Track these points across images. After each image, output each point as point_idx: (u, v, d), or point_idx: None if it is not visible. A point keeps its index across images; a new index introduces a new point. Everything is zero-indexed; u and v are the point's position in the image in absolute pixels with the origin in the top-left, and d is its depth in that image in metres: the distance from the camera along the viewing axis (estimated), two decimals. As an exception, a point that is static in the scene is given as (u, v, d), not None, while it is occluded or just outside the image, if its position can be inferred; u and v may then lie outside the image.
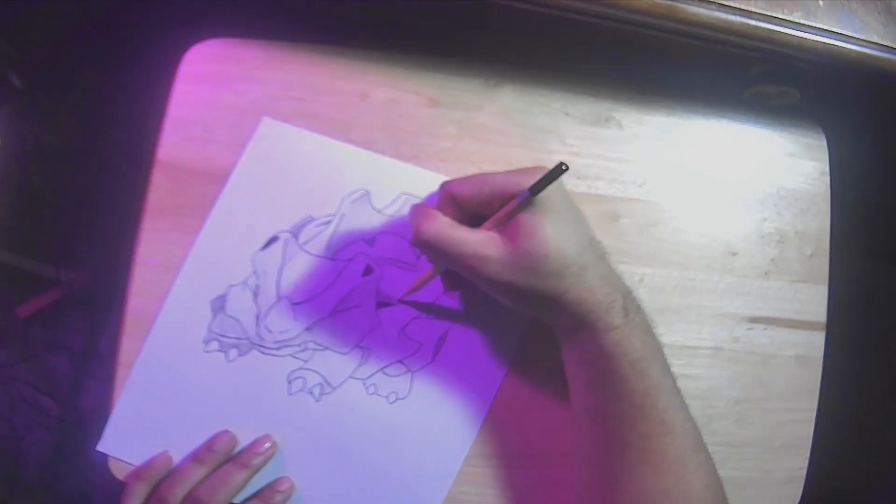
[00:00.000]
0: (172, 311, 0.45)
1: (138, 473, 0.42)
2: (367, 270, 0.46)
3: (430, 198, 0.46)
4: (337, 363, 0.46)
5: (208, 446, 0.43)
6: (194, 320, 0.45)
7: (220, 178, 0.46)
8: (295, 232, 0.46)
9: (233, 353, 0.45)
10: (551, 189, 0.38)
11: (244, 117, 0.47)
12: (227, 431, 0.44)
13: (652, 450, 0.38)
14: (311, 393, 0.45)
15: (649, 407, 0.38)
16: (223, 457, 0.43)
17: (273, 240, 0.46)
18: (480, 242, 0.38)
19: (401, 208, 0.47)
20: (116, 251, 0.49)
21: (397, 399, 0.46)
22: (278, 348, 0.45)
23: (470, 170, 0.49)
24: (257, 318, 0.45)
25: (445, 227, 0.39)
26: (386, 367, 0.46)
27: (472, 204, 0.40)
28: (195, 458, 0.42)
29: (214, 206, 0.45)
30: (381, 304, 0.46)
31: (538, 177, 0.37)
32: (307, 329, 0.45)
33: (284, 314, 0.45)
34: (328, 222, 0.46)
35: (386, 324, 0.46)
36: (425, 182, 0.47)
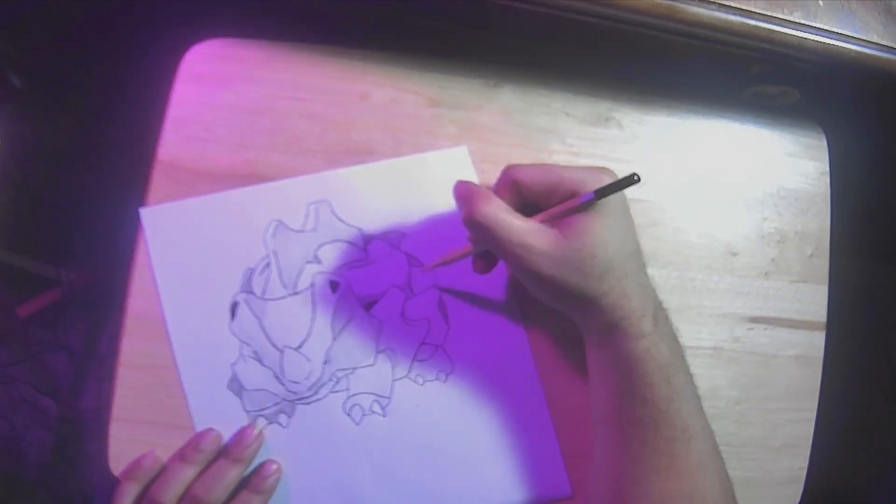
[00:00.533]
0: (203, 414, 0.44)
1: (128, 473, 0.42)
2: (333, 285, 0.46)
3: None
4: (374, 375, 0.46)
5: (194, 445, 0.42)
6: (227, 412, 0.44)
7: (220, 178, 0.46)
8: (247, 289, 0.45)
9: (283, 418, 0.45)
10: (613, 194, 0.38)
11: (244, 117, 0.47)
12: (211, 429, 0.43)
13: (675, 454, 0.38)
14: (375, 412, 0.45)
15: (673, 413, 0.39)
16: (211, 455, 0.43)
17: (235, 305, 0.45)
18: (531, 232, 0.38)
19: (318, 218, 0.47)
20: (116, 251, 0.48)
21: (447, 375, 0.46)
22: (315, 392, 0.45)
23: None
24: (277, 378, 0.45)
25: (500, 211, 0.39)
26: (416, 354, 0.46)
27: (532, 193, 0.40)
28: (182, 457, 0.42)
29: (163, 308, 0.44)
30: (369, 305, 0.46)
31: (606, 180, 0.38)
32: (325, 362, 0.45)
33: (296, 361, 0.45)
34: (267, 265, 0.46)
35: (385, 319, 0.46)
36: (324, 183, 0.47)
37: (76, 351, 1.07)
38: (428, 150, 0.48)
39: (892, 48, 0.46)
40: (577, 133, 0.51)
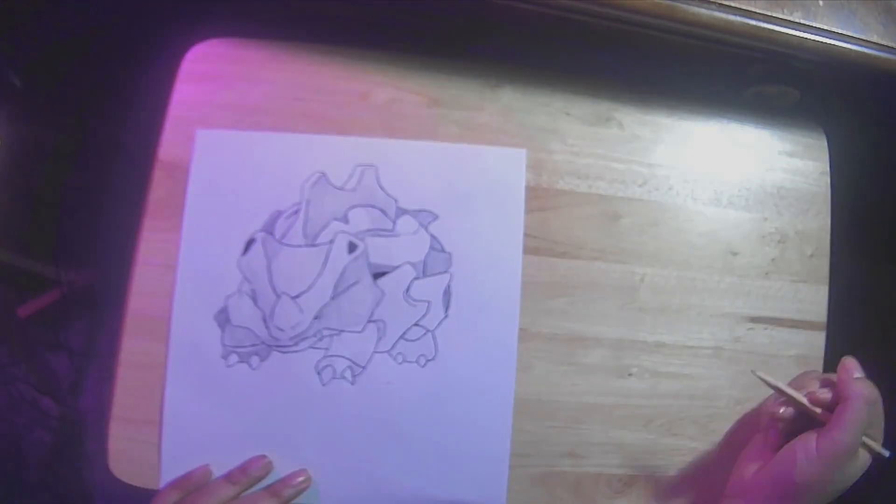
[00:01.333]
0: (181, 337, 0.45)
1: (175, 482, 0.43)
2: (351, 247, 0.46)
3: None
4: (357, 342, 0.46)
5: (243, 469, 0.43)
6: (205, 340, 0.45)
7: (220, 178, 0.46)
8: (268, 229, 0.46)
9: (254, 360, 0.45)
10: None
11: (244, 117, 0.47)
12: (263, 456, 0.44)
13: None
14: (345, 378, 0.45)
15: None
16: (255, 481, 0.44)
17: (251, 242, 0.46)
18: (865, 445, 0.39)
19: (360, 180, 0.47)
20: (116, 251, 0.48)
21: (427, 361, 0.46)
22: (295, 343, 0.45)
23: (470, 170, 0.49)
24: (264, 320, 0.45)
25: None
26: (405, 333, 0.46)
27: (852, 424, 0.39)
28: (228, 477, 0.43)
29: (182, 228, 0.45)
30: (377, 275, 0.46)
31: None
32: (316, 318, 0.46)
33: (289, 310, 0.45)
34: (296, 212, 0.46)
35: (388, 292, 0.46)
36: (376, 149, 0.47)
37: (76, 351, 1.07)
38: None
39: (892, 48, 0.46)
40: (577, 133, 0.51)
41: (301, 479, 0.44)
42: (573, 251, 0.49)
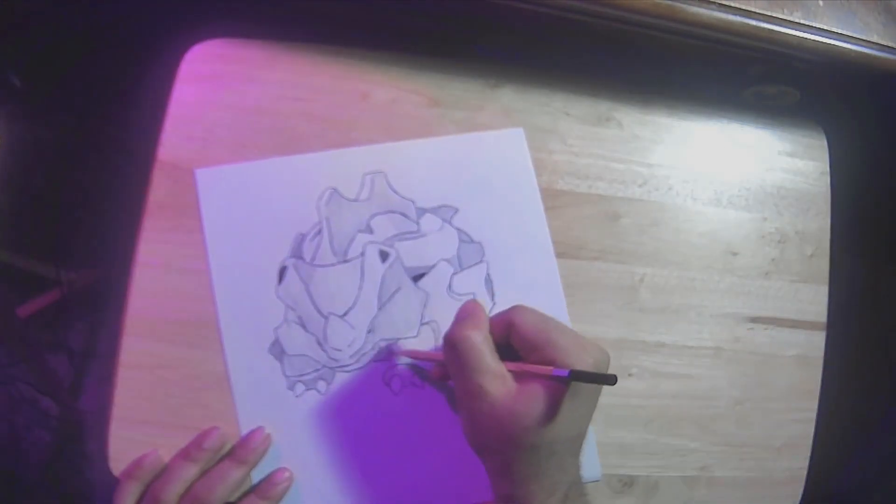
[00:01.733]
0: (241, 376, 0.44)
1: (129, 472, 0.42)
2: (383, 256, 0.46)
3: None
4: (416, 347, 0.46)
5: (198, 444, 0.42)
6: (266, 375, 0.44)
7: (220, 178, 0.46)
8: (297, 254, 0.46)
9: (321, 385, 0.45)
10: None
11: (244, 117, 0.47)
12: (215, 427, 0.43)
13: None
14: (415, 384, 0.46)
15: None
16: (215, 454, 0.43)
17: (283, 270, 0.45)
18: (495, 376, 0.38)
19: (372, 188, 0.47)
20: (116, 251, 0.48)
21: None
22: (357, 360, 0.45)
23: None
24: (319, 344, 0.45)
25: (479, 342, 0.39)
26: None
27: (520, 340, 0.39)
28: (186, 456, 0.42)
29: (210, 271, 0.45)
30: (417, 277, 0.47)
31: (589, 363, 0.37)
32: (370, 332, 0.46)
33: (340, 329, 0.45)
34: (319, 231, 0.46)
35: (432, 292, 0.47)
36: (381, 155, 0.48)
37: (76, 351, 1.07)
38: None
39: (892, 48, 0.46)
40: (577, 133, 0.51)
41: (261, 437, 0.43)
42: (573, 251, 0.49)
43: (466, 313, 0.41)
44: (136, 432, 0.43)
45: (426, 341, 0.46)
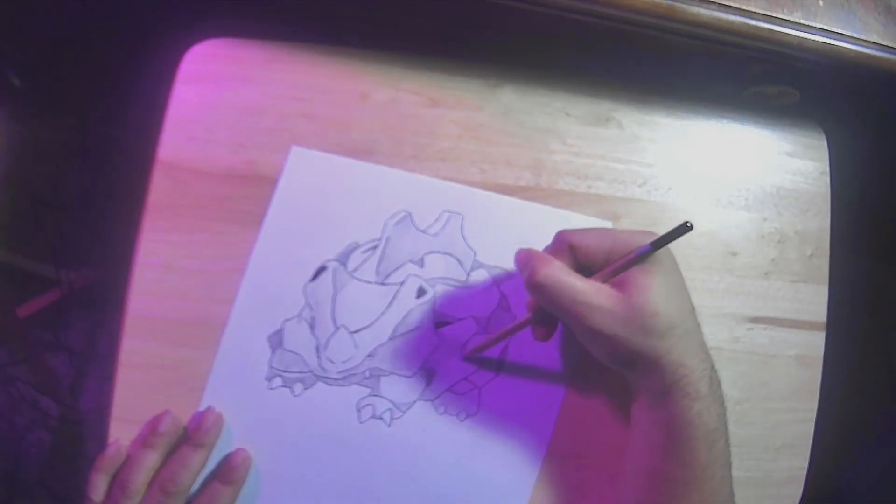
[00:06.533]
0: (230, 350, 0.44)
1: (96, 465, 0.42)
2: (420, 292, 0.46)
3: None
4: (403, 387, 0.46)
5: (153, 430, 0.42)
6: (253, 358, 0.44)
7: (220, 178, 0.46)
8: (342, 260, 0.46)
9: (298, 387, 0.45)
10: (665, 251, 0.39)
11: (244, 117, 0.47)
12: (167, 412, 0.43)
13: None
14: (382, 419, 0.45)
15: (708, 478, 0.39)
16: (172, 437, 0.43)
17: (321, 270, 0.45)
18: (593, 292, 0.39)
19: (444, 226, 0.47)
20: (116, 251, 0.48)
21: (468, 416, 0.46)
22: (343, 378, 0.45)
23: (470, 169, 0.49)
24: (317, 349, 0.45)
25: (561, 273, 0.39)
26: (453, 385, 0.46)
27: (589, 255, 0.40)
28: (143, 443, 0.42)
29: (257, 241, 0.45)
30: (440, 325, 0.46)
31: (655, 237, 0.39)
32: (369, 356, 0.45)
33: (344, 343, 0.45)
34: (374, 247, 0.46)
35: (447, 343, 0.46)
36: (465, 198, 0.47)
37: (76, 351, 1.07)
38: (428, 150, 0.48)
39: (892, 48, 0.46)
40: (577, 133, 0.51)
41: (213, 417, 0.43)
42: (573, 251, 0.49)
43: (527, 258, 0.41)
44: (136, 432, 0.43)
45: (415, 385, 0.46)
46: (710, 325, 0.51)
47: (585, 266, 0.41)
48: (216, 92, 0.47)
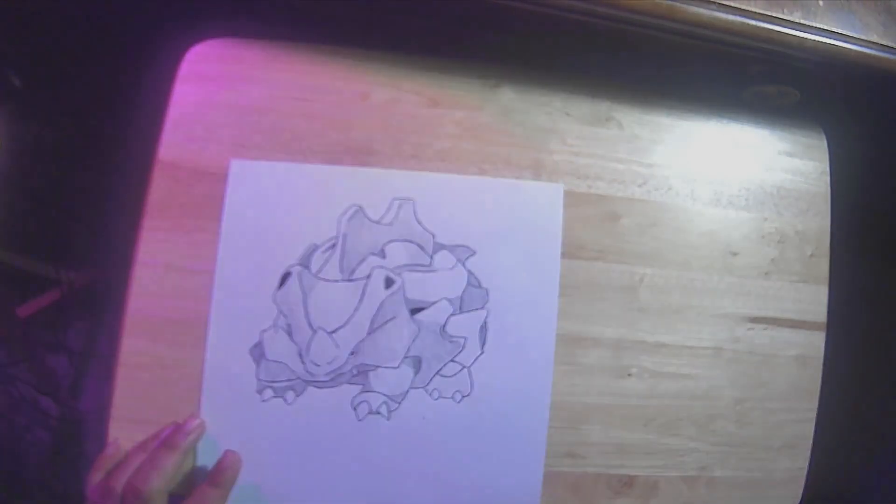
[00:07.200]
0: (215, 370, 0.44)
1: (94, 465, 0.42)
2: (388, 282, 0.46)
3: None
4: (393, 378, 0.46)
5: (156, 434, 0.43)
6: (240, 374, 0.45)
7: (220, 178, 0.46)
8: (304, 263, 0.46)
9: (290, 395, 0.45)
10: None
11: (244, 117, 0.47)
12: (175, 423, 0.43)
13: None
14: (380, 413, 0.46)
15: None
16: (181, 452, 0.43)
17: (287, 276, 0.45)
18: None
19: (397, 214, 0.47)
20: (116, 251, 0.48)
21: (463, 397, 0.46)
22: (332, 379, 0.45)
23: (470, 169, 0.49)
24: (300, 355, 0.45)
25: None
26: (441, 369, 0.46)
27: None
28: (141, 445, 0.43)
29: (217, 259, 0.45)
30: (414, 311, 0.46)
31: None
32: (352, 353, 0.45)
33: (325, 345, 0.45)
34: (333, 246, 0.46)
35: (425, 328, 0.46)
36: (413, 183, 0.47)
37: (76, 351, 1.07)
38: (428, 150, 0.48)
39: (892, 48, 0.46)
40: (577, 133, 0.51)
41: (195, 422, 0.43)
42: (573, 251, 0.49)
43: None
44: (136, 432, 0.44)
45: (404, 375, 0.46)
46: (711, 325, 0.51)
47: None
48: (216, 92, 0.47)
